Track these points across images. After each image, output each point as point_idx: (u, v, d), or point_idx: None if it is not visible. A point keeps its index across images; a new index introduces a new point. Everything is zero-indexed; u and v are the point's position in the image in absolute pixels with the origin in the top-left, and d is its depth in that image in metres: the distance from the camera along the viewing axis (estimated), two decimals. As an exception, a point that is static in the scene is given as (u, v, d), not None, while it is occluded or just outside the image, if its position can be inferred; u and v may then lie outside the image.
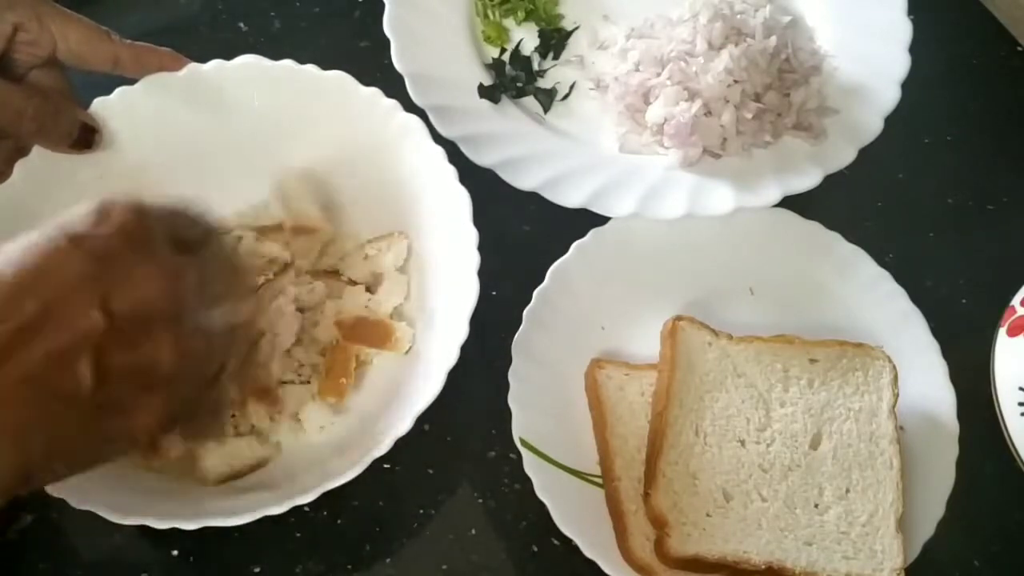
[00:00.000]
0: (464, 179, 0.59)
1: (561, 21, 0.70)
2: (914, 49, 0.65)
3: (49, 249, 0.35)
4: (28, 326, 0.34)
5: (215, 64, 0.61)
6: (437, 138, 0.61)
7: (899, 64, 0.64)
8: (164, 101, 0.60)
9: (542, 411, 0.57)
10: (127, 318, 0.36)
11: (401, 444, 0.52)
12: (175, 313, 0.38)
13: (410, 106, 0.62)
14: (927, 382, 0.59)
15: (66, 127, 0.56)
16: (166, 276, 0.38)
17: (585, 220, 0.62)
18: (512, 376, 0.57)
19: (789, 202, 0.61)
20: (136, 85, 0.59)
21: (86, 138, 0.57)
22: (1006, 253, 0.67)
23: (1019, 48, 0.76)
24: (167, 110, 0.60)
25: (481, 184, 0.59)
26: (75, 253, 0.35)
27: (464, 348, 0.54)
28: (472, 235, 0.57)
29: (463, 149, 0.61)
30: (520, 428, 0.56)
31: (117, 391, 0.36)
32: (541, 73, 0.68)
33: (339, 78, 0.62)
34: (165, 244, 0.38)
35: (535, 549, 0.57)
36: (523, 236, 0.66)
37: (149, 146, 0.60)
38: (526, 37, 0.69)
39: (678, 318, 0.58)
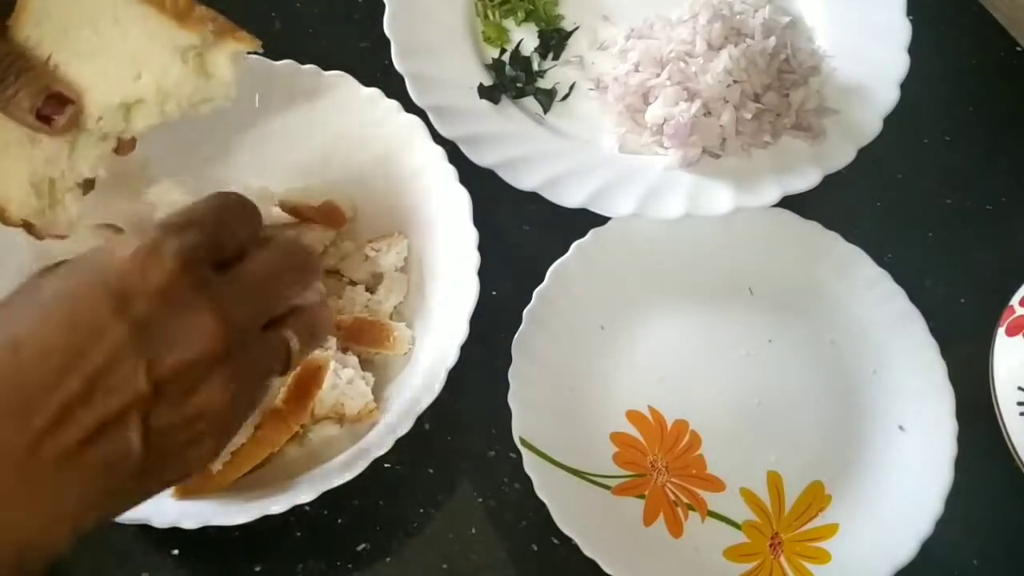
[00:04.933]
0: (464, 179, 0.59)
1: (561, 21, 0.70)
2: (913, 49, 0.65)
3: (89, 315, 0.32)
4: (71, 402, 0.31)
5: (215, 64, 0.61)
6: (437, 138, 0.61)
7: (898, 64, 0.64)
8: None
9: (542, 411, 0.57)
10: (175, 378, 0.33)
11: (401, 444, 0.52)
12: (227, 351, 0.34)
13: (410, 106, 0.62)
14: (926, 381, 0.59)
15: (30, 93, 0.45)
16: (216, 320, 0.34)
17: (585, 220, 0.62)
18: (512, 376, 0.57)
19: (788, 202, 0.61)
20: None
21: (52, 110, 0.45)
22: (1005, 253, 0.67)
23: (1018, 48, 0.76)
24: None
25: (481, 184, 0.59)
26: (119, 323, 0.32)
27: (464, 348, 0.54)
28: (472, 235, 0.57)
29: (463, 149, 0.61)
30: (520, 428, 0.56)
31: (169, 444, 0.34)
32: (541, 73, 0.68)
33: (339, 78, 0.62)
34: (214, 276, 0.35)
35: (535, 549, 0.57)
36: (523, 236, 0.66)
37: (147, 146, 0.60)
38: (526, 37, 0.69)
39: None
